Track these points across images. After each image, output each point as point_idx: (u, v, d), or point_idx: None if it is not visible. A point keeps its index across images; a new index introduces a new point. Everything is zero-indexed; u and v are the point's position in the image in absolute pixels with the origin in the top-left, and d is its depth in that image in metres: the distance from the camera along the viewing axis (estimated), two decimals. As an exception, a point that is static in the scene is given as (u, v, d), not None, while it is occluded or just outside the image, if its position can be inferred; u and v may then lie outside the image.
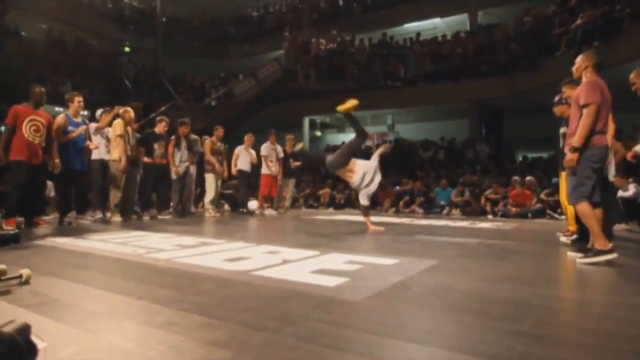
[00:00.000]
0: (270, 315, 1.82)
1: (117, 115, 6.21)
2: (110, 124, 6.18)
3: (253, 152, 8.42)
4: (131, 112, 6.33)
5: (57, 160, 5.28)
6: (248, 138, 8.41)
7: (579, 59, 3.77)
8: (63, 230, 4.98)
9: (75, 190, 5.77)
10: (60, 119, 5.49)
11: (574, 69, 3.75)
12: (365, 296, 2.17)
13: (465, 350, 1.46)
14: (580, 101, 3.27)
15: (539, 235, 5.61)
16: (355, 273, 2.69)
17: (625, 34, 9.21)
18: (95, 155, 6.10)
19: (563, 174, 4.38)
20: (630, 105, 6.55)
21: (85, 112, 13.78)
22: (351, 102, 4.99)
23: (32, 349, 0.65)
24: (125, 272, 2.71)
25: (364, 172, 5.22)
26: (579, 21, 10.06)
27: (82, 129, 5.65)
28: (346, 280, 2.48)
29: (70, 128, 5.50)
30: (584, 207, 3.19)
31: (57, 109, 10.10)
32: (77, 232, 4.74)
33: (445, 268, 3.08)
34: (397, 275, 2.65)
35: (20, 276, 2.28)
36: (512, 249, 4.13)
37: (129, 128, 6.26)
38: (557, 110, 4.70)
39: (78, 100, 5.66)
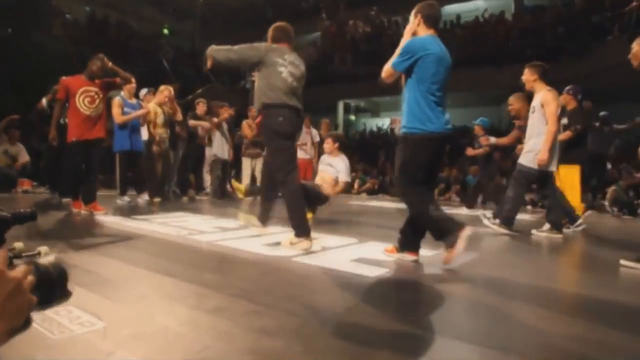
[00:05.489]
0: (316, 306, 1.83)
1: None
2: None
3: None
4: (165, 92, 6.29)
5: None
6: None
7: (527, 71, 4.20)
8: (114, 208, 5.13)
9: (135, 170, 5.93)
10: (116, 100, 5.63)
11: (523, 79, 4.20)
12: (407, 289, 2.16)
13: (514, 350, 1.43)
14: None
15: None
16: (395, 263, 2.67)
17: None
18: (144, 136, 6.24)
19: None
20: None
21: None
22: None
23: (64, 289, 0.66)
24: (171, 254, 2.79)
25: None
26: (634, 3, 9.44)
27: (141, 112, 5.73)
28: (386, 270, 2.47)
29: (126, 109, 5.64)
30: None
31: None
32: (124, 211, 4.92)
33: (488, 262, 3.02)
34: (437, 268, 2.61)
35: (39, 253, 2.32)
36: (552, 244, 3.99)
37: (163, 108, 6.28)
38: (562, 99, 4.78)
39: (132, 81, 5.76)
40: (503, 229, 4.20)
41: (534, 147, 4.12)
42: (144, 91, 6.66)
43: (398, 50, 2.63)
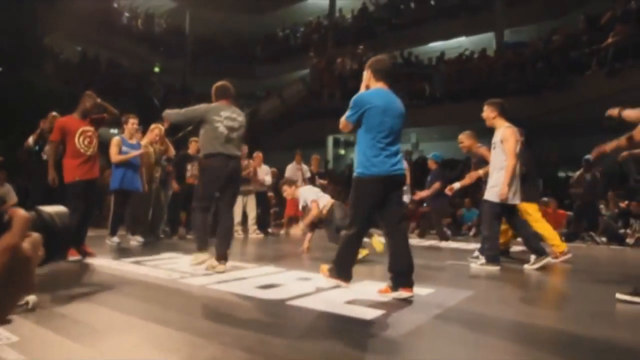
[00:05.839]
0: (312, 354, 1.80)
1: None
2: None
3: (266, 168, 8.41)
4: (155, 131, 6.32)
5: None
6: (256, 156, 8.32)
7: (487, 108, 4.41)
8: (104, 250, 5.01)
9: (130, 210, 5.77)
10: (115, 140, 5.60)
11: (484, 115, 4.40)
12: (406, 332, 2.13)
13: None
14: None
15: (573, 262, 5.44)
16: (390, 304, 2.65)
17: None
18: None
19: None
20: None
21: (116, 130, 14.24)
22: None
23: (67, 237, 0.60)
24: (162, 300, 2.74)
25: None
26: (610, 39, 9.87)
27: (139, 152, 5.67)
28: (383, 312, 2.45)
29: (124, 149, 5.61)
30: None
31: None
32: (112, 252, 4.83)
33: (483, 299, 3.01)
34: (434, 308, 2.59)
35: (27, 303, 2.24)
36: (547, 277, 4.01)
37: (154, 146, 6.30)
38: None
39: (132, 122, 5.71)
40: (491, 266, 4.23)
41: (497, 182, 4.24)
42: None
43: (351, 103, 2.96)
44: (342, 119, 3.00)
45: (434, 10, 15.69)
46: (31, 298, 2.27)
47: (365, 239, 4.23)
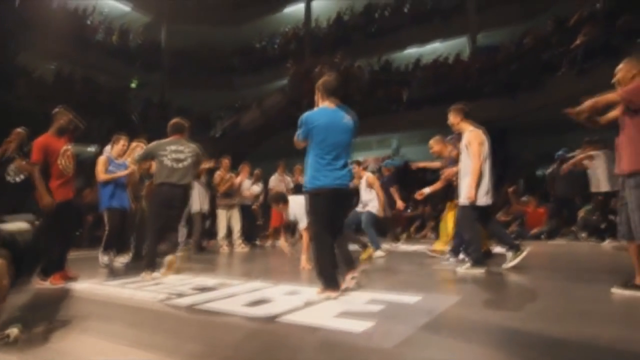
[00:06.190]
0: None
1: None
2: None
3: (249, 182, 8.40)
4: (138, 149, 6.25)
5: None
6: (241, 168, 8.30)
7: (451, 114, 4.53)
8: (83, 273, 4.88)
9: (120, 230, 5.65)
10: (101, 159, 5.54)
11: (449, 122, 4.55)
12: (397, 342, 2.15)
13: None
14: None
15: (557, 261, 5.56)
16: (380, 314, 2.66)
17: (627, 51, 9.30)
18: None
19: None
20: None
21: (93, 148, 14.00)
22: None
23: (31, 255, 0.58)
24: (150, 324, 2.70)
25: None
26: (578, 40, 10.18)
27: (126, 172, 5.60)
28: (373, 324, 2.46)
29: (111, 168, 5.54)
30: None
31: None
32: (93, 274, 4.73)
33: (471, 304, 3.05)
34: (423, 316, 2.62)
35: (7, 336, 2.15)
36: (529, 278, 4.08)
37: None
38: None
39: (123, 143, 5.68)
40: (477, 269, 4.28)
41: (467, 185, 4.30)
42: (108, 148, 6.55)
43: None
44: (295, 137, 3.33)
45: (408, 17, 15.94)
46: (12, 331, 2.21)
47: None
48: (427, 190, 5.58)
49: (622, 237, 3.16)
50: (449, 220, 5.55)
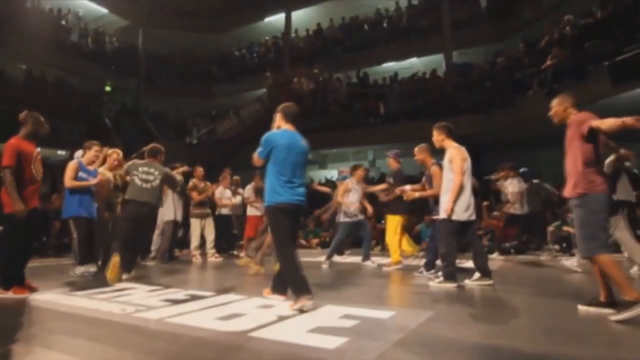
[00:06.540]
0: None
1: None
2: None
3: (229, 192, 8.32)
4: (114, 156, 6.13)
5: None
6: (222, 177, 8.24)
7: (435, 132, 4.67)
8: (46, 283, 4.70)
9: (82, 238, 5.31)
10: (71, 164, 5.26)
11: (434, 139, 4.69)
12: (370, 359, 2.14)
13: None
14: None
15: (525, 276, 5.69)
16: (353, 330, 2.66)
17: (593, 74, 9.71)
18: None
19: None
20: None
21: (63, 152, 13.59)
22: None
23: None
24: (116, 339, 2.61)
25: None
26: (548, 62, 10.57)
27: (96, 181, 5.33)
28: (346, 340, 2.45)
29: (81, 174, 5.32)
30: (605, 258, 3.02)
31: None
32: (58, 286, 4.55)
33: (443, 319, 3.08)
34: (396, 332, 2.63)
35: None
36: (504, 293, 4.16)
37: (115, 173, 6.09)
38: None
39: (96, 149, 5.46)
40: (449, 284, 4.34)
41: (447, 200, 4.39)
42: (79, 152, 6.36)
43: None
44: (254, 155, 3.54)
45: (386, 33, 16.21)
46: None
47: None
48: (407, 187, 5.57)
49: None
50: (391, 233, 6.00)
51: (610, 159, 4.71)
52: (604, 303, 3.10)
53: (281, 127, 3.59)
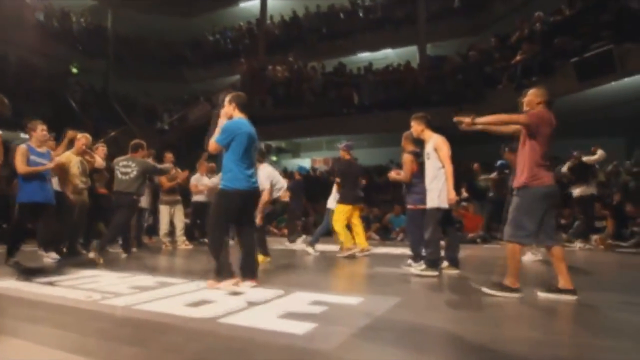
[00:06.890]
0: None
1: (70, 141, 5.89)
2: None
3: (207, 178, 8.20)
4: (82, 140, 5.95)
5: None
6: (199, 164, 8.12)
7: (414, 122, 4.73)
8: (5, 271, 4.57)
9: (42, 224, 5.21)
10: (20, 149, 4.96)
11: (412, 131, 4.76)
12: (337, 344, 2.18)
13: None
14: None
15: (491, 264, 5.88)
16: (322, 316, 2.70)
17: (561, 69, 10.01)
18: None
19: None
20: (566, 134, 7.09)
21: (27, 136, 13.06)
22: None
23: None
24: (81, 325, 2.56)
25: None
26: (518, 57, 10.83)
27: (51, 165, 5.13)
28: (315, 325, 2.48)
29: (32, 158, 5.08)
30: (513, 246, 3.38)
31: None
32: (22, 272, 4.42)
33: (411, 306, 3.16)
34: (364, 318, 2.68)
35: None
36: (469, 280, 4.29)
37: (82, 158, 5.91)
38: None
39: (42, 128, 5.13)
40: (430, 272, 4.37)
41: (435, 188, 4.44)
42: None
43: (218, 129, 3.65)
44: (212, 142, 3.66)
45: (361, 22, 16.22)
46: None
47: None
48: (393, 173, 5.44)
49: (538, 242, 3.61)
50: (337, 221, 6.06)
51: None
52: (562, 290, 3.25)
53: (234, 117, 3.70)
